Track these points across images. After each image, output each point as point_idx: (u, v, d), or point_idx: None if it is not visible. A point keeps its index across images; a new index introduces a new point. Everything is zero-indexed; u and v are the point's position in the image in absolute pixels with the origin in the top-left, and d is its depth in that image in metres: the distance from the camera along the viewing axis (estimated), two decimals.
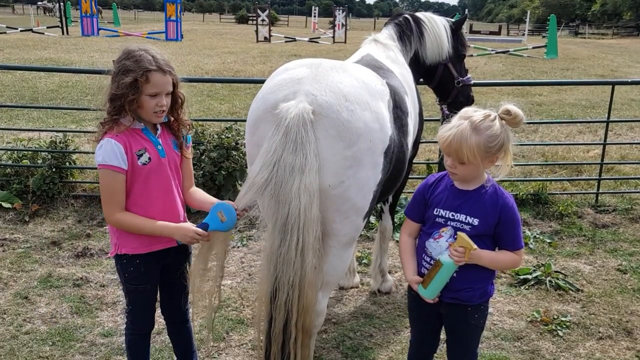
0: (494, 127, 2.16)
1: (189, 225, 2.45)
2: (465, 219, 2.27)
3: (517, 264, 2.39)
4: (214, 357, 3.31)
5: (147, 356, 2.82)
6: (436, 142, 6.59)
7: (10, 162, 5.72)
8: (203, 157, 5.35)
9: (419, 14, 3.90)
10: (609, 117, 6.00)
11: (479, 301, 2.36)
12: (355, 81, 2.47)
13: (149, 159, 2.41)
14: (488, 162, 2.21)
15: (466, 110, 2.25)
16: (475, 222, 2.25)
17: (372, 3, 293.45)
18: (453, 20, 4.13)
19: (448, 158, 2.25)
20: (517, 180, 6.16)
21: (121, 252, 2.49)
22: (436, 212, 2.34)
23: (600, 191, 5.98)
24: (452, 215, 2.30)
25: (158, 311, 2.81)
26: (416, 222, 2.45)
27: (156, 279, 2.63)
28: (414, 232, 2.47)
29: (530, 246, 4.88)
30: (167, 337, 2.99)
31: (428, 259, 2.35)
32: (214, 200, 2.57)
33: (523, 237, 5.20)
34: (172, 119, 2.52)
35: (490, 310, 3.80)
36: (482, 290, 2.35)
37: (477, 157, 2.15)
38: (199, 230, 2.38)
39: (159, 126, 2.49)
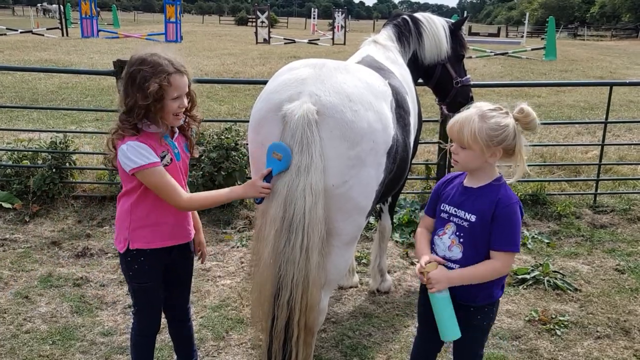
0: (500, 118, 2.18)
1: (256, 180, 2.38)
2: (464, 215, 2.27)
3: (498, 271, 2.23)
4: (214, 356, 3.32)
5: (151, 357, 2.82)
6: (434, 142, 6.58)
7: (10, 163, 5.73)
8: (203, 157, 5.36)
9: (417, 15, 3.91)
10: (607, 118, 6.02)
11: (482, 302, 2.34)
12: (358, 82, 2.49)
13: (170, 160, 2.43)
14: (490, 154, 2.20)
15: (481, 103, 2.27)
16: (473, 218, 2.25)
17: (371, 5, 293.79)
18: (452, 21, 4.14)
19: (453, 143, 2.27)
20: (516, 181, 6.17)
21: (133, 247, 2.47)
22: (442, 207, 2.37)
23: (599, 192, 6.00)
24: (455, 212, 2.31)
25: None
26: (431, 217, 2.47)
27: (159, 278, 2.63)
28: (429, 227, 2.49)
29: (529, 246, 4.90)
30: (168, 335, 3.01)
31: (435, 255, 2.36)
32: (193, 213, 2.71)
33: (521, 238, 5.21)
34: (185, 118, 2.54)
35: None
36: (487, 292, 2.33)
37: (478, 143, 2.16)
38: (265, 185, 2.34)
39: (176, 129, 2.51)
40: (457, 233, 2.29)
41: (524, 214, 2.29)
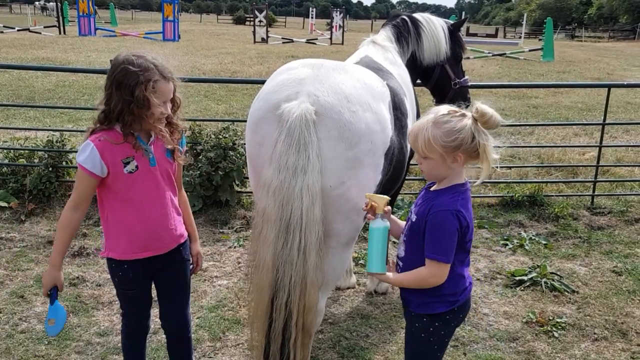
0: (454, 123, 2.06)
1: (59, 279, 2.47)
2: (411, 215, 2.24)
3: (424, 279, 2.13)
4: (210, 357, 3.31)
5: (142, 359, 2.79)
6: None
7: (6, 161, 5.71)
8: (200, 157, 5.34)
9: (416, 15, 3.90)
10: (604, 120, 6.03)
11: (417, 310, 2.24)
12: (357, 82, 2.48)
13: (136, 167, 2.34)
14: (451, 159, 2.09)
15: (439, 107, 2.17)
16: (414, 218, 2.20)
17: (369, 5, 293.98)
18: (451, 22, 4.14)
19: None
20: (513, 182, 6.19)
21: (109, 255, 2.45)
22: (411, 208, 2.33)
23: (596, 193, 6.00)
24: (412, 212, 2.28)
25: (155, 311, 2.80)
26: None
27: (145, 286, 2.57)
28: None
29: (526, 247, 4.90)
30: (164, 336, 2.98)
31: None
32: (189, 224, 2.68)
33: (519, 239, 5.21)
34: (166, 122, 2.43)
35: (485, 311, 3.85)
36: (420, 301, 2.23)
37: (435, 151, 2.07)
38: (49, 294, 2.49)
39: (152, 133, 2.39)
40: (405, 232, 2.26)
41: (464, 224, 2.10)
